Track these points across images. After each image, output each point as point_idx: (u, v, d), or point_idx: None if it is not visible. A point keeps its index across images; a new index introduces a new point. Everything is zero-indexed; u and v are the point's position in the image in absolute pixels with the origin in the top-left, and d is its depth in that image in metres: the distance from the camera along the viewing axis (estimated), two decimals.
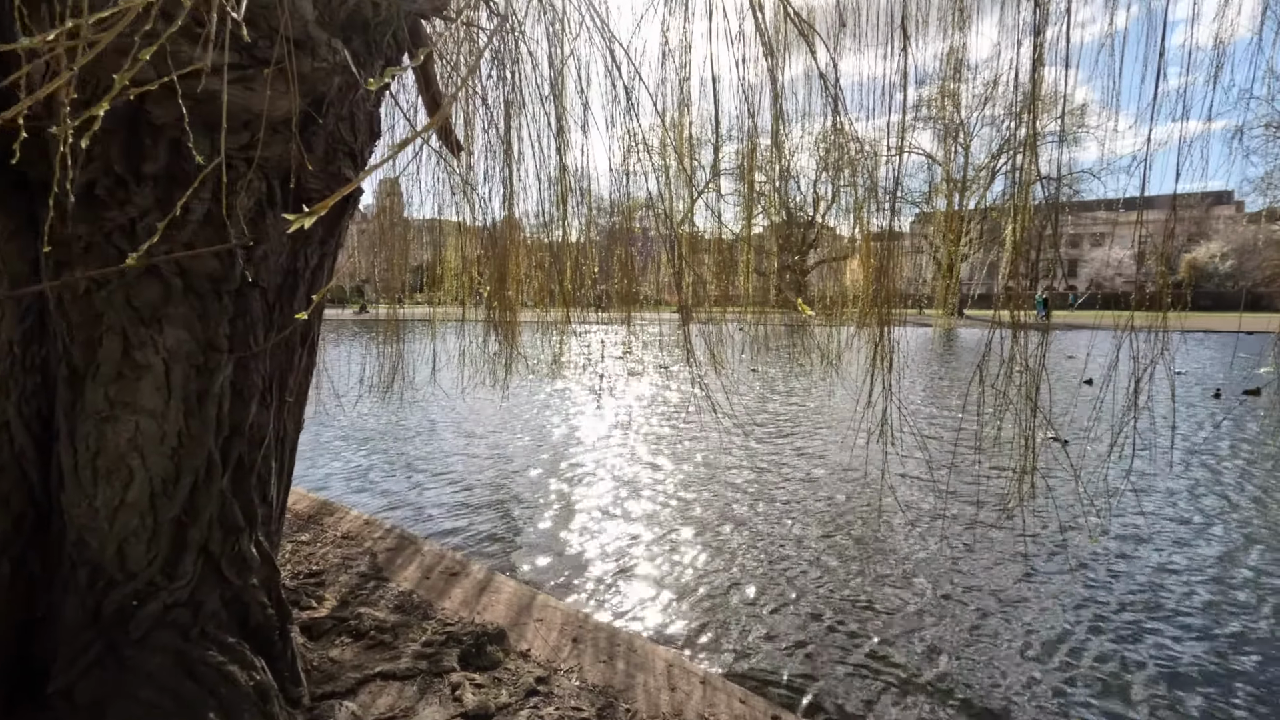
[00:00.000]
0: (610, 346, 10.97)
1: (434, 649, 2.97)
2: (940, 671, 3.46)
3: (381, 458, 8.10)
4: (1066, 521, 5.59)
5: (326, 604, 3.45)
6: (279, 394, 2.47)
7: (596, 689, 2.80)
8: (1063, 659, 3.60)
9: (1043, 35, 2.81)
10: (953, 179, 14.05)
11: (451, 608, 3.52)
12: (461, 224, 6.04)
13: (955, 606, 4.20)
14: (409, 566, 4.08)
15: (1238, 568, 4.80)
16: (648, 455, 8.19)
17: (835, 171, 4.60)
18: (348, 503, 5.96)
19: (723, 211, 5.92)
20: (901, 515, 5.88)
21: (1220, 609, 4.18)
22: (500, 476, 7.28)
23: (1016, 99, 2.62)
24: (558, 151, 4.83)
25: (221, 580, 2.27)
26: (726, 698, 2.78)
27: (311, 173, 2.29)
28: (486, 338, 6.31)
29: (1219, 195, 35.75)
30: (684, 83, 4.68)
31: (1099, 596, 4.31)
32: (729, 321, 5.90)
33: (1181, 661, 3.58)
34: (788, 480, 7.07)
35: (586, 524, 5.77)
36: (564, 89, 4.81)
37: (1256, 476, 7.19)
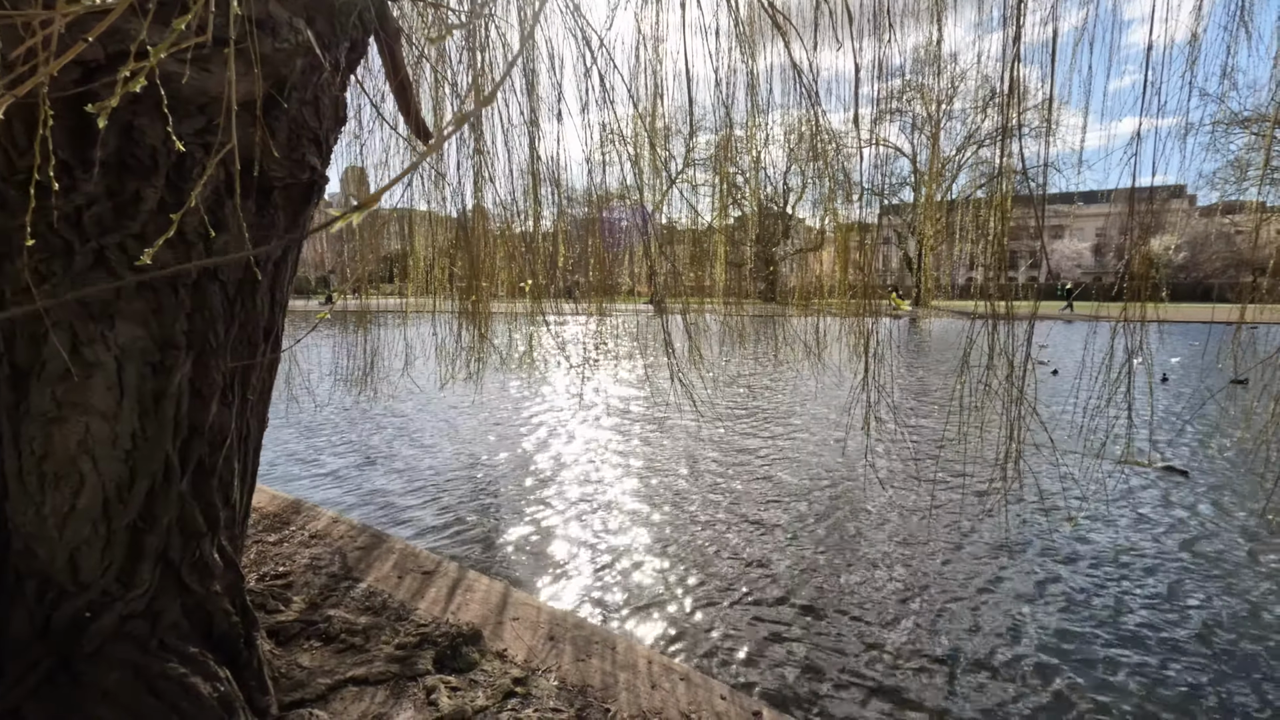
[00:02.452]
0: (579, 341, 10.89)
1: (407, 651, 2.89)
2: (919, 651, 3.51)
3: (350, 453, 7.92)
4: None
5: (295, 607, 3.34)
6: (241, 392, 2.36)
7: (576, 689, 2.76)
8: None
9: (1020, 29, 2.82)
10: (921, 172, 14.26)
11: (425, 608, 3.44)
12: (431, 213, 5.88)
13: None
14: (381, 566, 3.98)
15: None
16: (623, 447, 8.16)
17: (809, 163, 4.59)
18: (317, 501, 5.82)
19: (696, 203, 5.89)
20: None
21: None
22: (473, 471, 7.17)
23: (1001, 91, 2.61)
24: (531, 139, 4.72)
25: (182, 588, 2.17)
26: (708, 695, 2.76)
27: (275, 159, 2.18)
28: (459, 329, 6.20)
29: (1173, 190, 36.91)
30: (658, 72, 4.61)
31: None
32: (706, 312, 5.88)
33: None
34: (768, 474, 7.09)
35: (563, 518, 5.71)
36: (536, 76, 4.71)
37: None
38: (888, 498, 6.17)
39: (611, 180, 5.27)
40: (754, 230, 8.50)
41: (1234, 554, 4.94)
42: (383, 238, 7.77)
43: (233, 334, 2.26)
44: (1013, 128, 2.94)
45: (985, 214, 3.41)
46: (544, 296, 6.15)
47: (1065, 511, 5.76)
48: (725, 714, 2.64)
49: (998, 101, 3.03)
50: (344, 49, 2.47)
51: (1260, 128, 4.37)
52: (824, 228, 4.92)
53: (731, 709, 2.67)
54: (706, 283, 6.73)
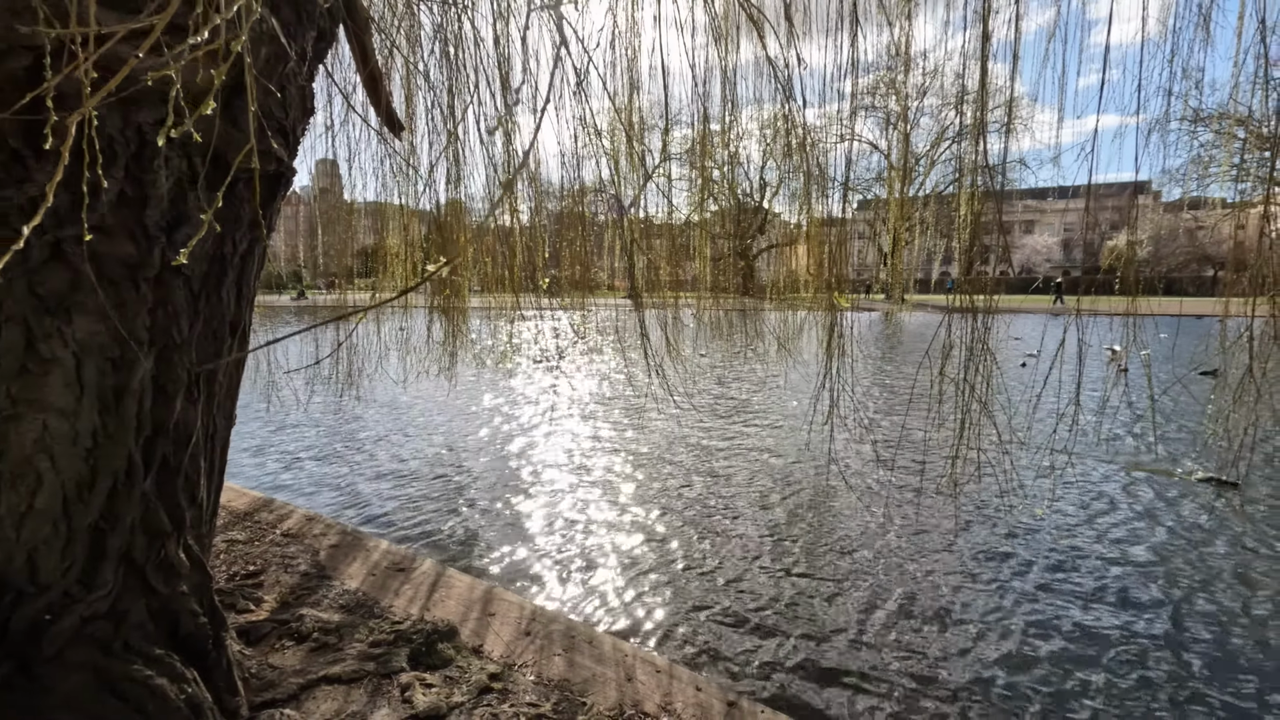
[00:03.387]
0: (554, 336, 10.86)
1: (382, 649, 2.86)
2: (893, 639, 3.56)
3: (321, 447, 7.81)
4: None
5: (266, 606, 3.29)
6: (207, 388, 2.31)
7: (553, 684, 2.75)
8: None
9: (988, 27, 2.86)
10: (895, 167, 14.37)
11: (401, 605, 3.41)
12: (404, 207, 5.81)
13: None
14: (355, 563, 3.93)
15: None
16: (598, 442, 8.15)
17: (784, 158, 4.61)
18: (289, 498, 5.73)
19: (673, 197, 5.89)
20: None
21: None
22: (449, 466, 7.11)
23: (970, 85, 2.65)
24: (505, 131, 4.68)
25: (146, 589, 2.12)
26: (684, 686, 2.78)
27: (239, 150, 2.13)
28: (431, 324, 6.14)
29: (1138, 185, 37.72)
30: (633, 64, 4.60)
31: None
32: (684, 307, 5.89)
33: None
34: (742, 466, 7.14)
35: (543, 514, 5.69)
36: (509, 66, 4.66)
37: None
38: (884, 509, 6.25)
39: (588, 175, 5.24)
40: (730, 225, 8.52)
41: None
42: (355, 232, 7.65)
43: (198, 329, 2.21)
44: (980, 125, 3.00)
45: (955, 209, 3.47)
46: (521, 291, 6.11)
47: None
48: (701, 705, 2.66)
49: (969, 99, 3.08)
50: (311, 38, 2.42)
51: (1221, 125, 4.49)
52: (800, 222, 4.95)
53: (707, 699, 2.68)
54: (684, 277, 6.74)
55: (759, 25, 4.20)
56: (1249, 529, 5.26)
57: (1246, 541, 5.03)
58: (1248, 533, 5.19)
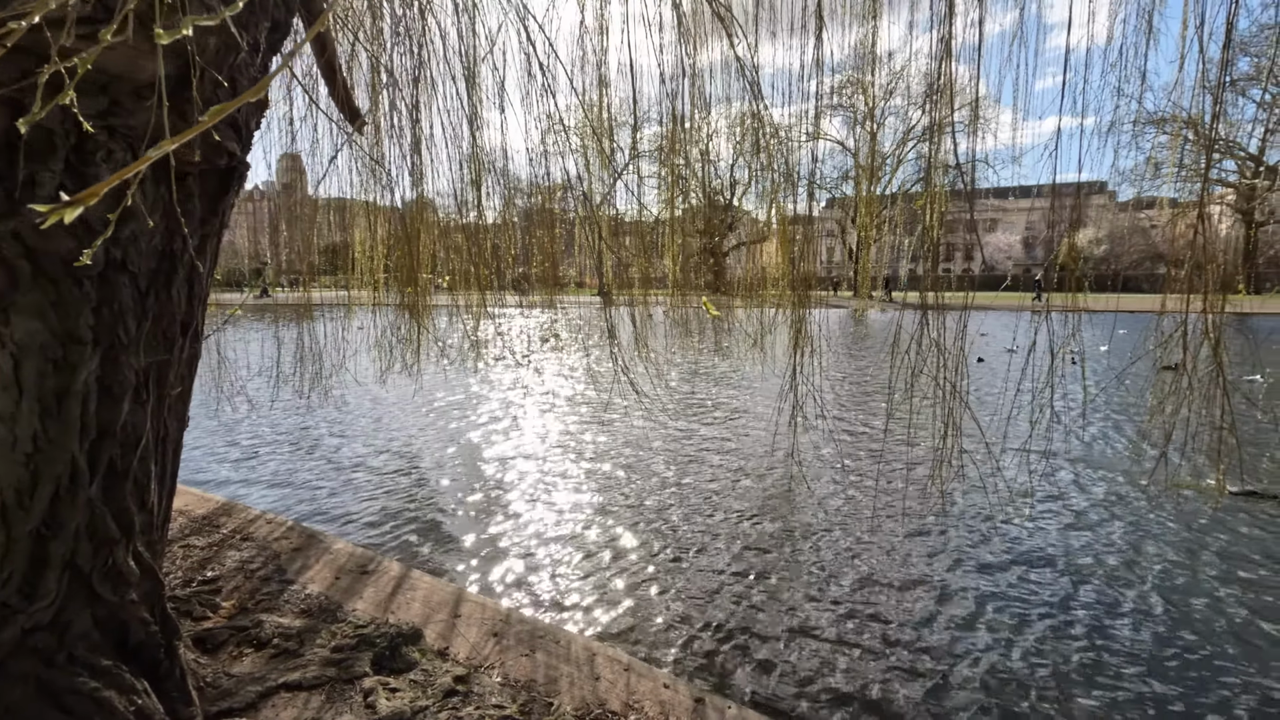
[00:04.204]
0: (525, 333, 10.80)
1: (344, 654, 2.81)
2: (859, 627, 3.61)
3: (285, 449, 7.64)
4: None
5: (223, 612, 3.21)
6: (157, 390, 2.23)
7: (519, 684, 2.73)
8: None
9: (949, 29, 2.91)
10: (863, 166, 14.55)
11: (364, 608, 3.35)
12: (369, 204, 5.70)
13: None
14: (317, 566, 3.85)
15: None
16: (565, 439, 8.12)
17: (752, 156, 4.63)
18: (249, 501, 5.59)
19: (642, 195, 5.88)
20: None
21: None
22: (417, 466, 7.02)
23: (936, 87, 2.69)
24: (471, 127, 4.62)
25: (93, 597, 2.04)
26: (651, 684, 2.78)
27: (187, 143, 2.06)
28: (398, 322, 6.04)
29: (1095, 185, 38.96)
30: (601, 62, 4.58)
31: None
32: (655, 304, 5.88)
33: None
34: (710, 465, 7.17)
35: (512, 512, 5.64)
36: (475, 61, 4.61)
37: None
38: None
39: (557, 172, 5.21)
40: (700, 222, 8.54)
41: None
42: (320, 228, 7.50)
43: (146, 328, 2.14)
44: (943, 125, 3.05)
45: (920, 208, 3.53)
46: (489, 289, 6.05)
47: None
48: (668, 702, 2.66)
49: (932, 99, 3.15)
50: (264, 29, 2.36)
51: (1172, 127, 4.63)
52: (769, 220, 4.98)
53: (674, 697, 2.69)
54: (654, 275, 6.73)
55: (727, 24, 4.21)
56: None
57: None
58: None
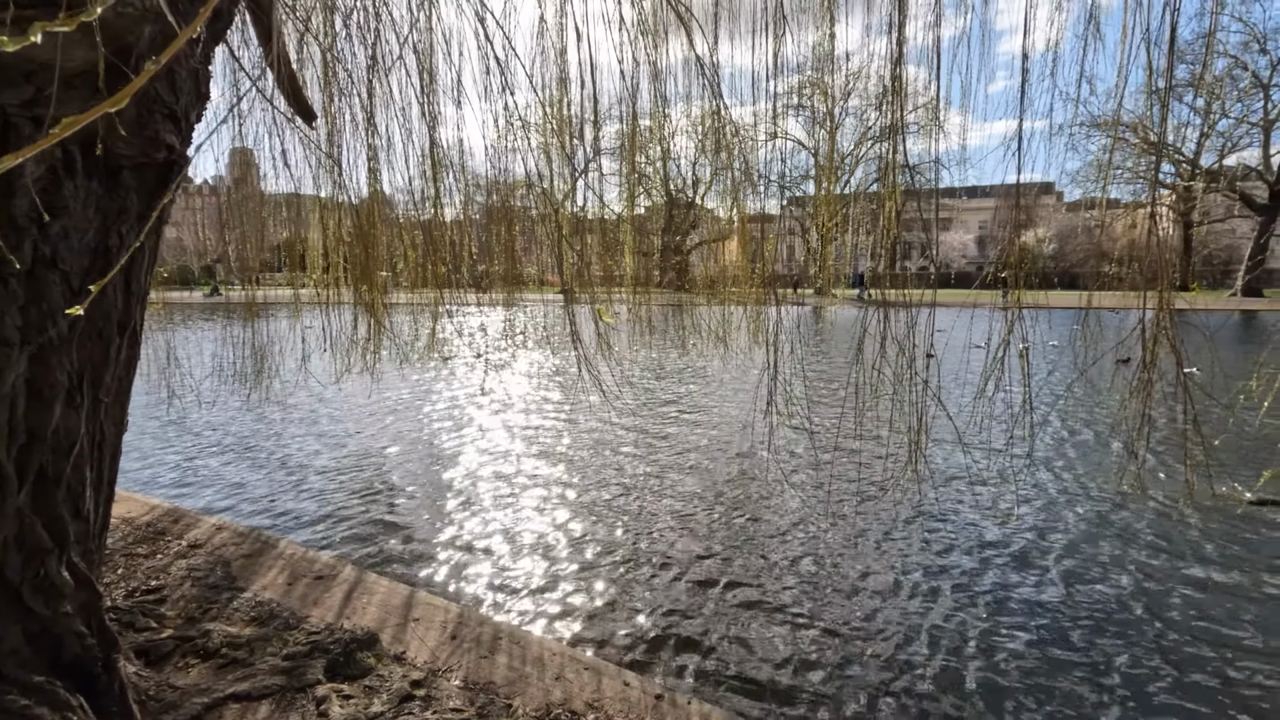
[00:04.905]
0: (485, 332, 10.67)
1: (296, 662, 2.74)
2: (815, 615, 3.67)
3: (236, 451, 7.41)
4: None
5: (169, 623, 3.10)
6: (92, 393, 2.14)
7: (478, 687, 2.70)
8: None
9: (903, 33, 2.97)
10: (822, 165, 14.75)
11: (318, 615, 3.27)
12: (321, 199, 5.57)
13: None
14: (269, 573, 3.75)
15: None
16: (526, 439, 8.06)
17: (714, 154, 4.66)
18: (200, 507, 5.41)
19: (605, 192, 5.86)
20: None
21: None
22: (376, 469, 6.88)
23: (887, 92, 2.74)
24: (428, 122, 4.54)
25: (23, 611, 1.95)
26: (612, 682, 2.78)
27: (123, 137, 1.97)
28: (355, 321, 5.90)
29: (1044, 186, 40.37)
30: (562, 58, 4.55)
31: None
32: (618, 302, 5.88)
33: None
34: (670, 458, 7.20)
35: (466, 511, 5.57)
36: (432, 56, 4.54)
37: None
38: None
39: (517, 168, 5.16)
40: (661, 220, 8.58)
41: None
42: (271, 225, 7.29)
43: (79, 329, 2.05)
44: (898, 127, 3.12)
45: (877, 207, 3.60)
46: (448, 287, 5.96)
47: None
48: (629, 700, 2.66)
49: (887, 100, 3.22)
50: (205, 18, 2.27)
51: (1112, 132, 4.81)
52: (731, 218, 5.02)
53: (635, 694, 2.69)
54: (619, 272, 6.72)
55: (687, 23, 4.23)
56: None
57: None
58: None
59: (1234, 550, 4.72)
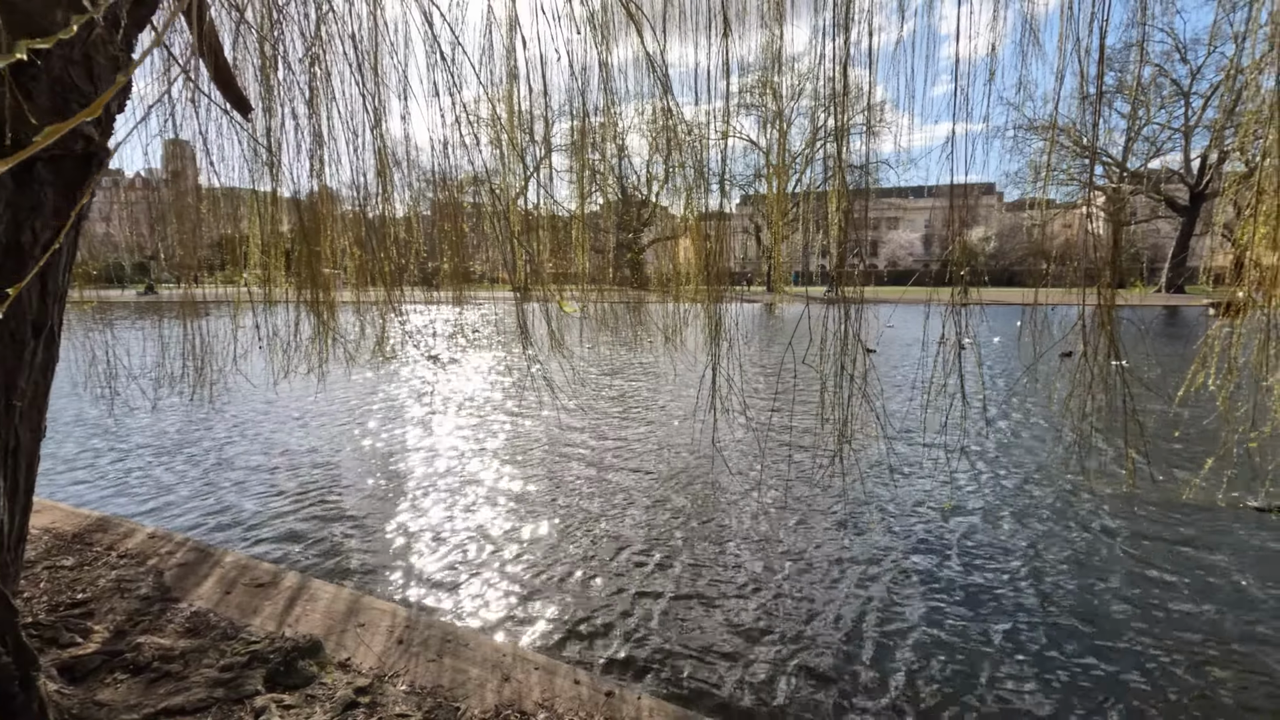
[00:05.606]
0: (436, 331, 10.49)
1: (234, 672, 2.65)
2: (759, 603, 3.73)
3: (175, 457, 7.10)
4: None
5: (96, 637, 2.96)
6: (4, 397, 2.02)
7: (425, 691, 2.66)
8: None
9: (849, 36, 3.05)
10: (774, 164, 14.98)
11: (259, 623, 3.17)
12: (257, 194, 5.38)
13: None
14: (206, 583, 3.61)
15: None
16: (471, 437, 7.96)
17: (667, 152, 4.68)
18: (131, 515, 5.17)
19: (558, 189, 5.82)
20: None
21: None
22: (319, 471, 6.69)
23: (836, 94, 2.80)
24: (372, 115, 4.43)
25: None
26: (563, 681, 2.77)
27: (35, 126, 1.87)
28: (298, 320, 5.72)
29: (985, 187, 41.88)
30: (510, 54, 4.50)
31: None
32: (571, 299, 5.84)
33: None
34: (623, 457, 7.21)
35: (424, 514, 5.47)
36: (377, 47, 4.43)
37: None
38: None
39: (467, 165, 5.08)
40: (613, 218, 8.56)
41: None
42: (209, 220, 7.00)
43: None
44: (846, 128, 3.20)
45: (826, 206, 3.69)
46: (396, 285, 5.82)
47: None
48: (580, 698, 2.66)
49: (837, 102, 3.31)
50: (126, 2, 2.17)
51: (1051, 134, 5.02)
52: (685, 215, 5.04)
53: (586, 692, 2.69)
54: (572, 270, 6.67)
55: (637, 21, 4.24)
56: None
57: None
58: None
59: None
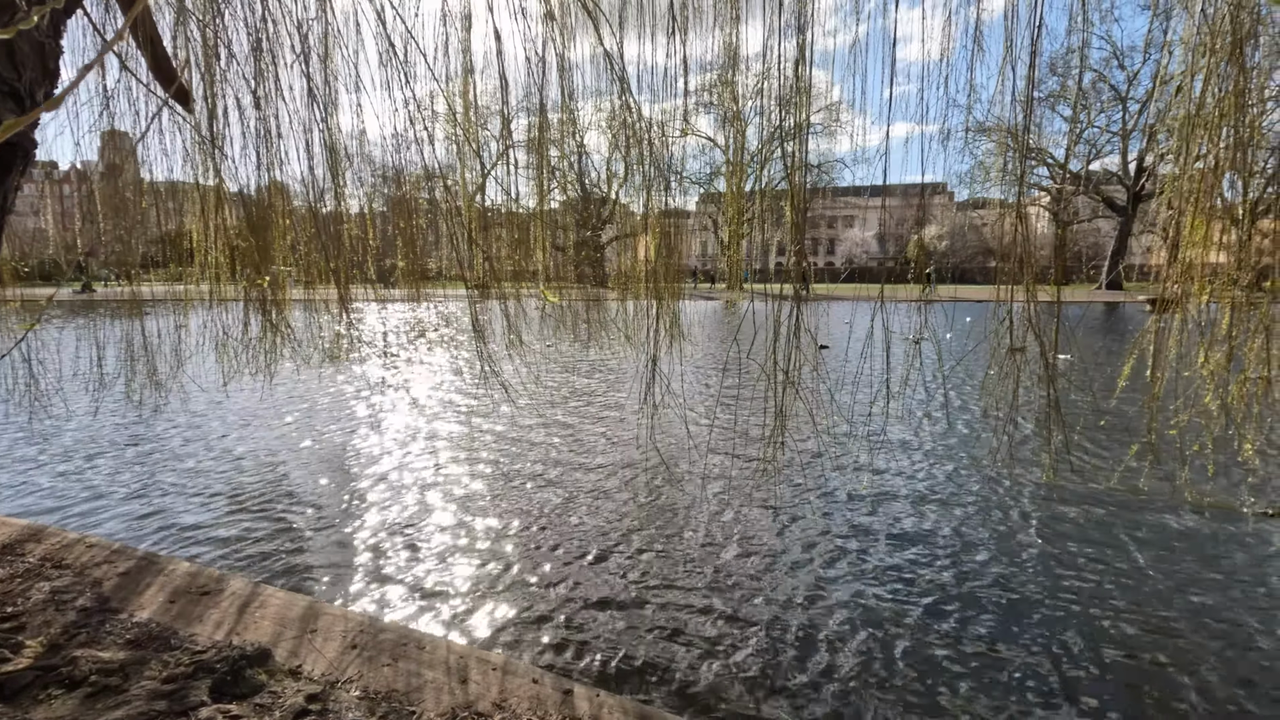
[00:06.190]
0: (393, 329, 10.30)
1: (177, 684, 2.56)
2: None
3: (118, 462, 6.81)
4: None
5: (28, 652, 2.82)
6: None
7: (380, 696, 2.61)
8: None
9: (806, 37, 3.10)
10: (732, 162, 15.16)
11: (205, 633, 3.07)
12: (199, 188, 5.21)
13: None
14: (149, 592, 3.48)
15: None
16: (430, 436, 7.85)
17: (626, 150, 4.68)
18: (66, 523, 4.95)
19: (517, 186, 5.76)
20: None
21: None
22: (274, 475, 6.50)
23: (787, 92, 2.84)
24: (321, 107, 4.33)
25: None
26: (520, 681, 2.76)
27: None
28: (247, 319, 5.55)
29: (936, 186, 43.15)
30: (466, 50, 4.46)
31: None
32: (530, 297, 5.79)
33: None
34: (571, 451, 7.20)
35: (373, 514, 5.37)
36: (328, 37, 4.33)
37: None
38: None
39: (421, 161, 5.01)
40: (571, 216, 8.53)
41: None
42: (151, 216, 6.72)
43: None
44: (803, 127, 3.27)
45: (783, 205, 3.75)
46: (351, 283, 5.70)
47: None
48: (538, 698, 2.65)
49: (784, 103, 3.37)
50: None
51: (998, 136, 5.19)
52: (646, 213, 5.05)
53: (543, 691, 2.69)
54: (532, 267, 6.62)
55: (594, 17, 4.23)
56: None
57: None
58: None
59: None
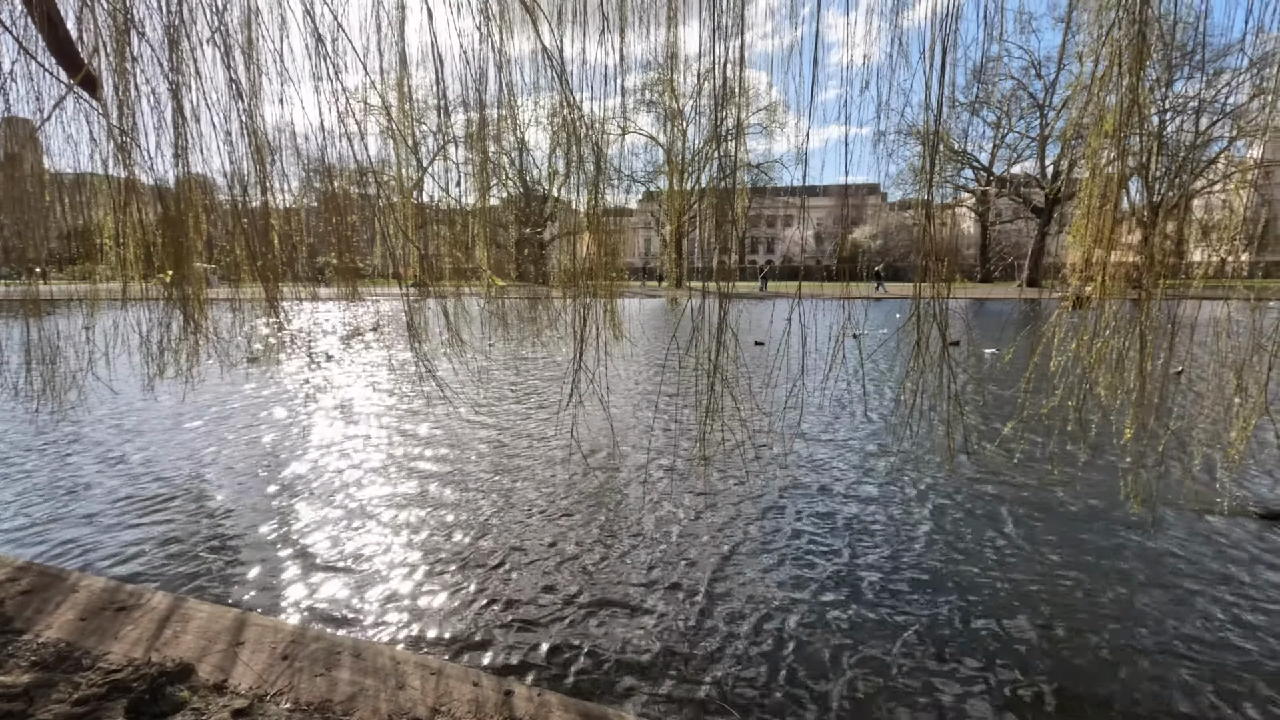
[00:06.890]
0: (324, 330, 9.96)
1: (90, 705, 2.42)
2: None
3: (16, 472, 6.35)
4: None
5: None
6: None
7: (313, 707, 2.54)
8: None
9: (742, 40, 3.17)
10: (674, 161, 15.30)
11: (121, 650, 2.90)
12: (110, 179, 4.92)
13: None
14: (57, 609, 3.26)
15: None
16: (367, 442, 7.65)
17: (567, 147, 4.67)
18: None
19: (455, 182, 5.66)
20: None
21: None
22: (197, 482, 6.19)
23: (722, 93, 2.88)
24: (245, 96, 4.15)
25: None
26: (459, 684, 2.72)
27: None
28: (166, 320, 5.25)
29: (870, 187, 44.63)
30: (401, 42, 4.36)
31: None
32: (471, 295, 5.70)
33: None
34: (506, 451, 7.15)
35: (314, 519, 5.19)
36: (251, 24, 4.16)
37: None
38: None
39: (354, 155, 4.87)
40: (513, 213, 8.44)
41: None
42: (60, 209, 6.29)
43: None
44: (743, 127, 3.33)
45: (725, 204, 3.82)
46: (281, 280, 5.47)
47: None
48: (478, 700, 2.62)
49: (733, 102, 3.45)
50: None
51: (927, 139, 5.42)
52: (589, 211, 5.03)
53: (483, 693, 2.66)
54: (469, 266, 6.51)
55: (533, 13, 4.19)
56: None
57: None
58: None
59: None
